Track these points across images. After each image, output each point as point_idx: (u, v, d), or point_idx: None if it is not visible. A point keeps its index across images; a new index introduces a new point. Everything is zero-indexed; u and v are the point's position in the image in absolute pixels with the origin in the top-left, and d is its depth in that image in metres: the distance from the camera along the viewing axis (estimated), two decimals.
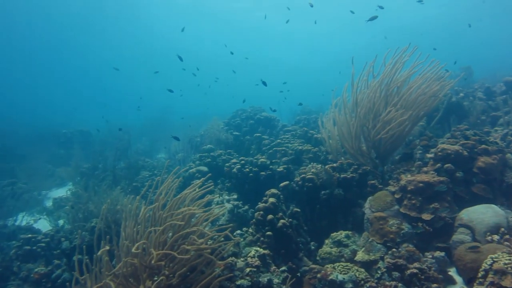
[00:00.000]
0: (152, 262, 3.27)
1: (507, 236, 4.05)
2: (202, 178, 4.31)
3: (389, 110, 5.54)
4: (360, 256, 4.57)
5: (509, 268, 3.26)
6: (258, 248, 4.53)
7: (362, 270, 4.29)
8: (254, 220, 4.99)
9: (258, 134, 9.99)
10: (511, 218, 4.49)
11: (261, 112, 12.04)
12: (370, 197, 5.24)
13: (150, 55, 52.39)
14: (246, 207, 6.52)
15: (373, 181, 5.57)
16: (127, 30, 44.21)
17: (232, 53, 13.70)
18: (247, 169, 7.08)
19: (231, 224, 4.38)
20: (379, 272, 4.17)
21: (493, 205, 4.53)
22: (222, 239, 4.03)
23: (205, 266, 3.87)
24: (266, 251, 4.45)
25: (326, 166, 5.90)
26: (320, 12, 37.00)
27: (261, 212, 4.96)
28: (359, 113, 5.74)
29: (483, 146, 5.28)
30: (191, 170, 8.51)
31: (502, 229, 4.13)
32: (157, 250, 3.51)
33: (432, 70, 5.84)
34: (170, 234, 3.80)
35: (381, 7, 10.52)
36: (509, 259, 3.43)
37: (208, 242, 4.04)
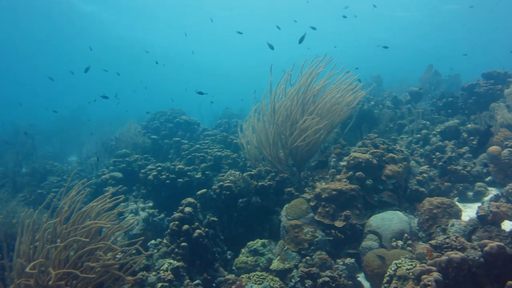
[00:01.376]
0: (50, 282, 2.95)
1: (410, 242, 4.30)
2: (112, 189, 4.02)
3: (306, 118, 5.65)
4: (275, 265, 4.57)
5: (411, 274, 3.43)
6: (172, 261, 4.33)
7: (277, 279, 4.29)
8: (169, 230, 4.77)
9: (177, 139, 9.69)
10: (413, 223, 4.79)
11: (181, 115, 11.71)
12: (286, 205, 5.28)
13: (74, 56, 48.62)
14: (162, 215, 6.27)
15: (290, 189, 5.64)
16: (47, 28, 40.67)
17: (156, 63, 13.17)
18: (164, 176, 6.81)
19: (142, 238, 4.11)
20: (293, 281, 4.19)
21: (398, 212, 4.80)
22: (134, 251, 3.78)
23: (113, 283, 3.59)
24: (180, 263, 4.27)
25: (244, 174, 5.86)
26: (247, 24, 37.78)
27: (177, 222, 4.76)
28: (276, 121, 5.78)
29: (391, 154, 5.59)
30: (104, 176, 8.01)
31: (406, 234, 4.38)
32: (58, 268, 3.18)
33: (346, 80, 6.09)
34: (75, 248, 3.48)
35: (314, 28, 10.84)
36: (411, 265, 3.62)
37: (118, 256, 3.77)
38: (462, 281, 3.04)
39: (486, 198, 5.63)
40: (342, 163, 5.74)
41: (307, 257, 4.41)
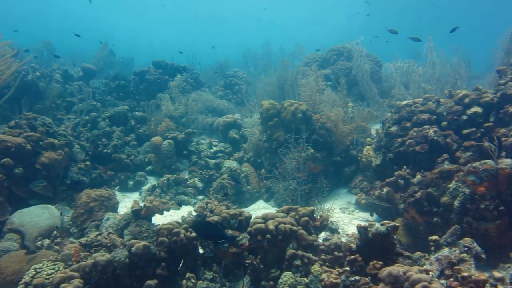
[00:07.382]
0: None
1: (60, 240, 3.89)
2: None
3: None
4: None
5: (51, 280, 3.02)
6: None
7: None
8: None
9: None
10: (67, 217, 4.40)
11: None
12: None
13: None
14: None
15: None
16: None
17: None
18: None
19: None
20: None
21: (50, 206, 4.28)
22: None
23: None
24: None
25: None
26: None
27: None
28: None
29: (51, 139, 4.97)
30: None
31: (55, 232, 3.93)
32: None
33: None
34: None
35: None
36: (53, 268, 3.23)
37: None
38: (103, 284, 2.89)
39: (145, 188, 5.89)
40: None
41: None
